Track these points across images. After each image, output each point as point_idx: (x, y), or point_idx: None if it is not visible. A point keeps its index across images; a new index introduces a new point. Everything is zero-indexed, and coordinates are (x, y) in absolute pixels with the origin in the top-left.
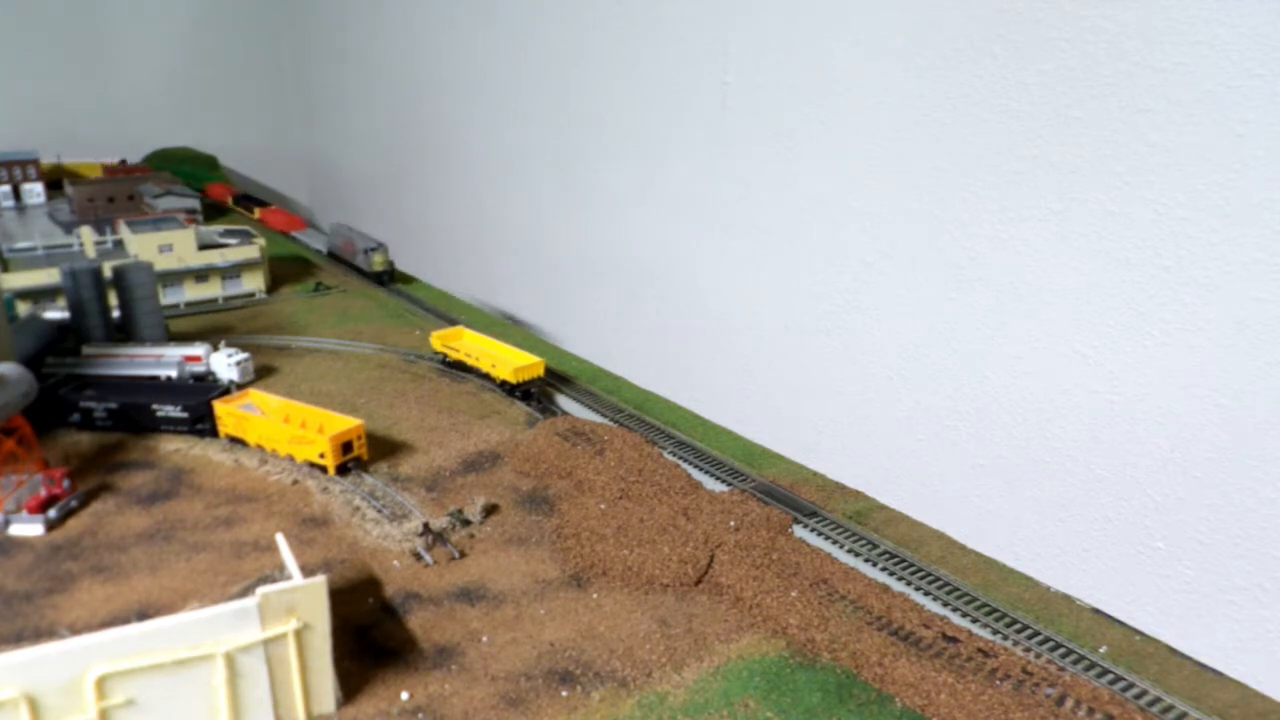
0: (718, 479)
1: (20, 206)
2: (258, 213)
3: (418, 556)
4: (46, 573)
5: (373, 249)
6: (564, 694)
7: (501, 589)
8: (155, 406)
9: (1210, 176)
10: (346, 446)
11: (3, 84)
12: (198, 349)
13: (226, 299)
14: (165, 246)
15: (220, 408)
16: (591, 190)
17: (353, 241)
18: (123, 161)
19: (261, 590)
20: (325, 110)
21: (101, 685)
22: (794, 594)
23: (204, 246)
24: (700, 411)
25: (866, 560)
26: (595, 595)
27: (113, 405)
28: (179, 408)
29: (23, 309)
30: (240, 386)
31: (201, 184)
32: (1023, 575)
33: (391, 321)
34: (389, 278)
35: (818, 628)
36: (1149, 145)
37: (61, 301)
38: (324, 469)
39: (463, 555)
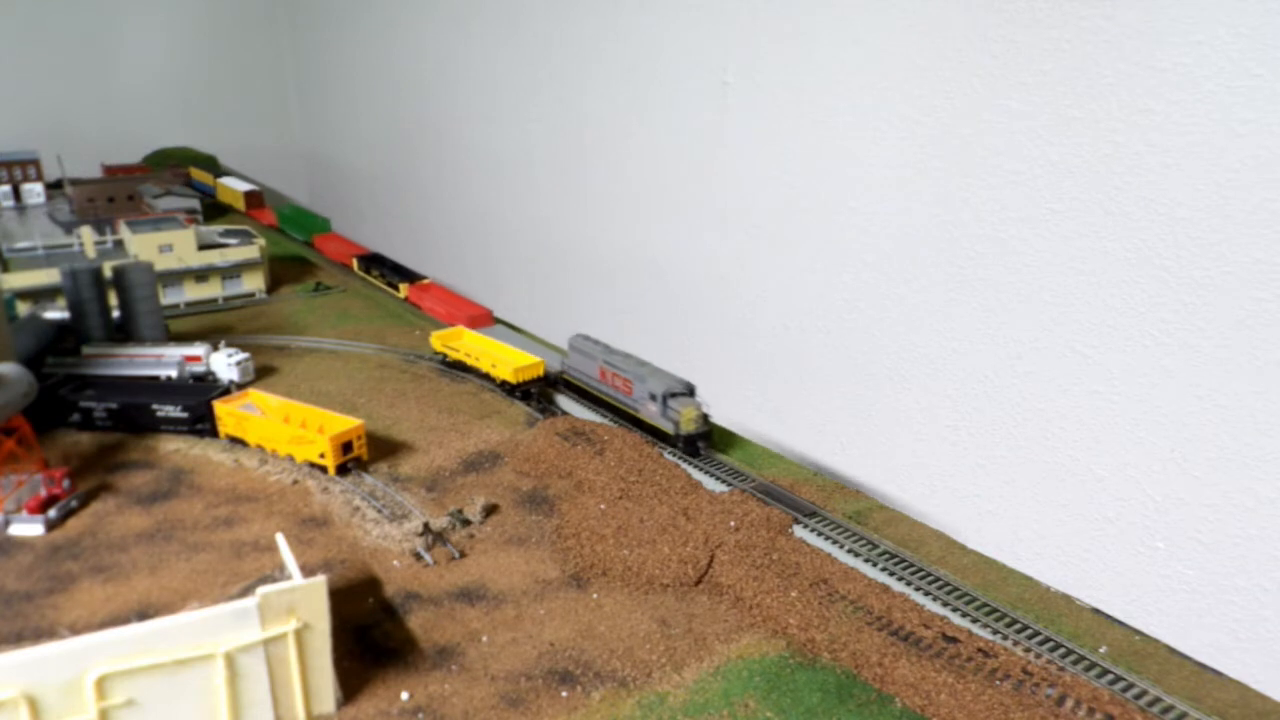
0: (718, 479)
1: (20, 206)
2: (404, 290)
3: (418, 556)
4: (46, 573)
5: (674, 394)
6: (564, 694)
7: (501, 589)
8: (155, 406)
9: (1210, 176)
10: (346, 446)
11: (3, 84)
12: (198, 349)
13: (226, 299)
14: (165, 246)
15: (220, 408)
16: (591, 190)
17: (625, 375)
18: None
19: (261, 590)
20: (325, 110)
21: (101, 685)
22: (794, 594)
23: (204, 246)
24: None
25: (866, 560)
26: (595, 595)
27: (113, 405)
28: (179, 408)
29: (23, 309)
30: (240, 386)
31: (309, 235)
32: (1023, 575)
33: (391, 321)
34: (703, 442)
35: (818, 628)
36: (1149, 145)
37: (61, 301)
38: (324, 469)
39: (463, 555)
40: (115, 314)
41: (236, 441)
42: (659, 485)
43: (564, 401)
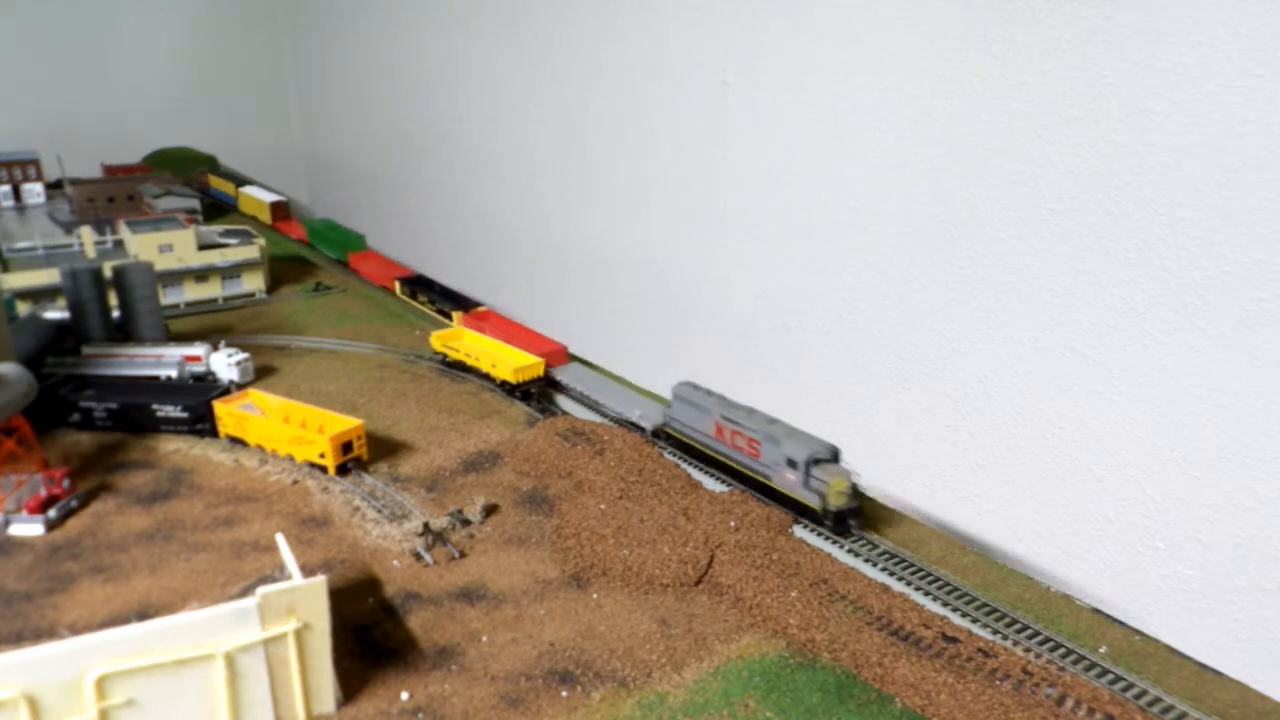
0: (718, 479)
1: (20, 206)
2: (458, 320)
3: (418, 556)
4: (46, 573)
5: (819, 461)
6: (564, 694)
7: (501, 589)
8: (155, 406)
9: (1210, 176)
10: (346, 446)
11: (3, 84)
12: (198, 349)
13: (226, 299)
14: (165, 246)
15: (220, 408)
16: (591, 190)
17: (750, 435)
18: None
19: (261, 590)
20: (325, 110)
21: (101, 685)
22: (794, 594)
23: (204, 246)
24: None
25: (866, 560)
26: (595, 595)
27: (113, 405)
28: (179, 408)
29: (23, 309)
30: (240, 386)
31: (343, 253)
32: (1023, 575)
33: (391, 321)
34: (855, 519)
35: (818, 628)
36: (1149, 145)
37: (61, 301)
38: (324, 469)
39: (463, 555)
40: (115, 314)
41: (236, 441)
42: (659, 485)
43: (564, 401)
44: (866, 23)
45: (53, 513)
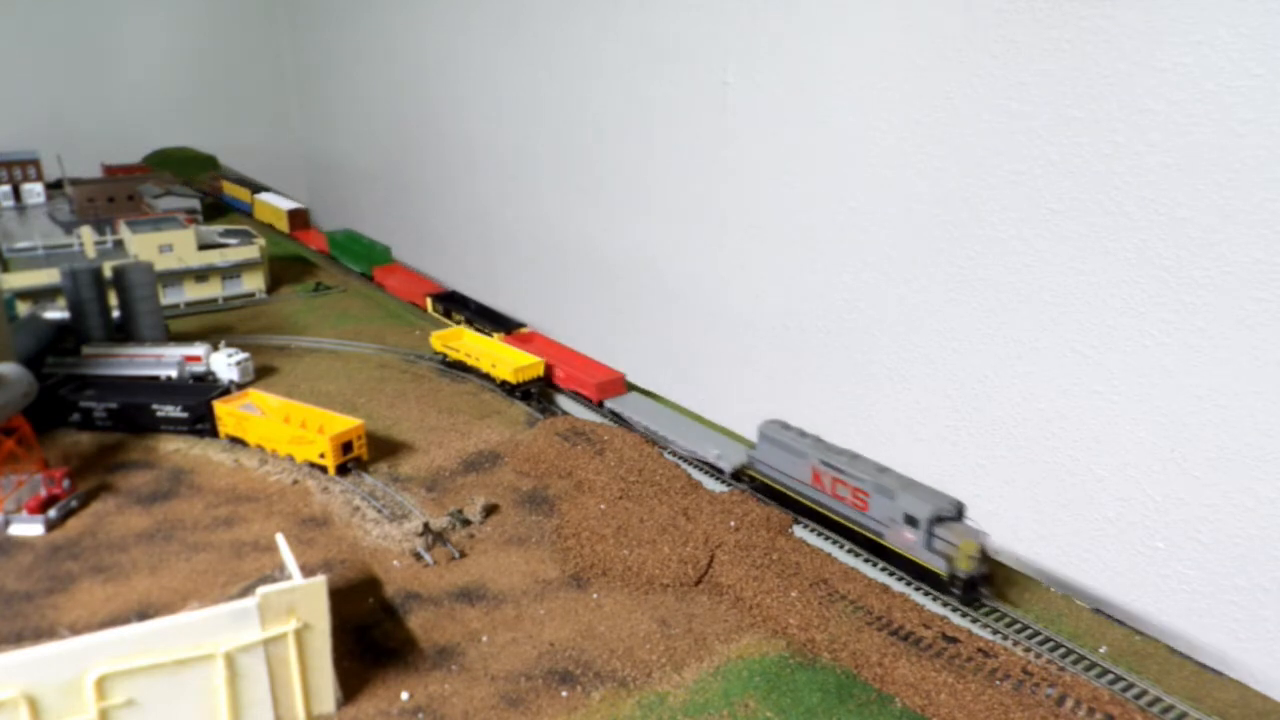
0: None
1: (20, 206)
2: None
3: (418, 556)
4: (46, 573)
5: (940, 518)
6: (564, 694)
7: (501, 589)
8: (155, 406)
9: (1210, 176)
10: (346, 446)
11: (3, 84)
12: (198, 349)
13: (226, 299)
14: (165, 246)
15: (220, 408)
16: (591, 190)
17: (856, 485)
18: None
19: (261, 590)
20: (325, 109)
21: (101, 685)
22: (794, 594)
23: (204, 246)
24: (700, 410)
25: (866, 560)
26: (595, 595)
27: (113, 405)
28: (179, 408)
29: (23, 309)
30: (240, 386)
31: (368, 267)
32: (1023, 575)
33: (391, 321)
34: (986, 586)
35: (818, 628)
36: (1149, 145)
37: (61, 301)
38: (324, 469)
39: (463, 555)
40: (115, 314)
41: (236, 441)
42: (659, 485)
43: (564, 401)
44: (866, 23)
45: (53, 513)
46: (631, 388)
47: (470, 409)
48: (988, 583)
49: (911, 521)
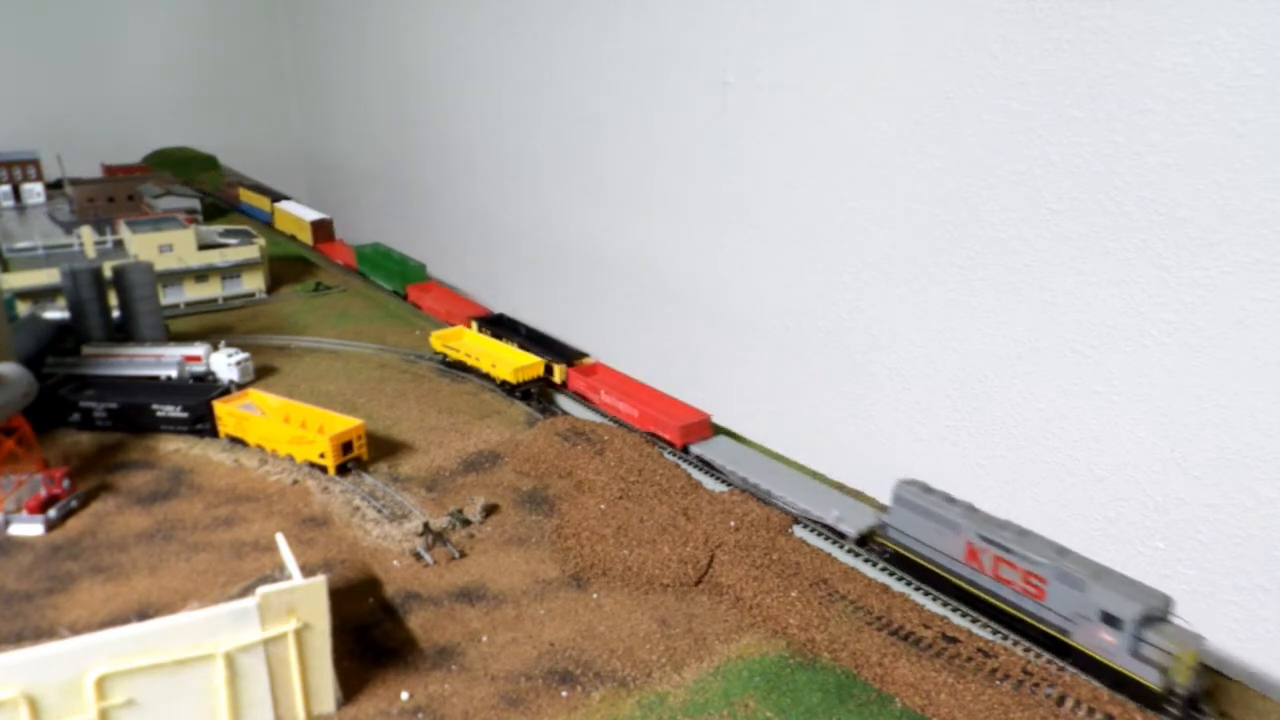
0: (717, 479)
1: (20, 206)
2: (560, 374)
3: (418, 556)
4: (46, 573)
5: (1154, 618)
6: (564, 694)
7: (501, 589)
8: (155, 406)
9: (1210, 176)
10: (346, 446)
11: (3, 84)
12: (198, 349)
13: (226, 299)
14: (165, 246)
15: (220, 408)
16: (591, 190)
17: (1030, 569)
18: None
19: (261, 590)
20: (325, 109)
21: (101, 685)
22: (794, 594)
23: (204, 246)
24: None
25: (866, 560)
26: (595, 595)
27: (113, 405)
28: (179, 408)
29: (23, 309)
30: (240, 386)
31: (401, 285)
32: None
33: (391, 321)
34: (1205, 702)
35: (818, 628)
36: (1149, 145)
37: (61, 301)
38: (324, 469)
39: (463, 555)
40: (115, 314)
41: (236, 441)
42: (659, 485)
43: (564, 401)
44: (866, 23)
45: (53, 513)
46: (720, 431)
47: (470, 409)
48: (1208, 695)
49: (1112, 622)
